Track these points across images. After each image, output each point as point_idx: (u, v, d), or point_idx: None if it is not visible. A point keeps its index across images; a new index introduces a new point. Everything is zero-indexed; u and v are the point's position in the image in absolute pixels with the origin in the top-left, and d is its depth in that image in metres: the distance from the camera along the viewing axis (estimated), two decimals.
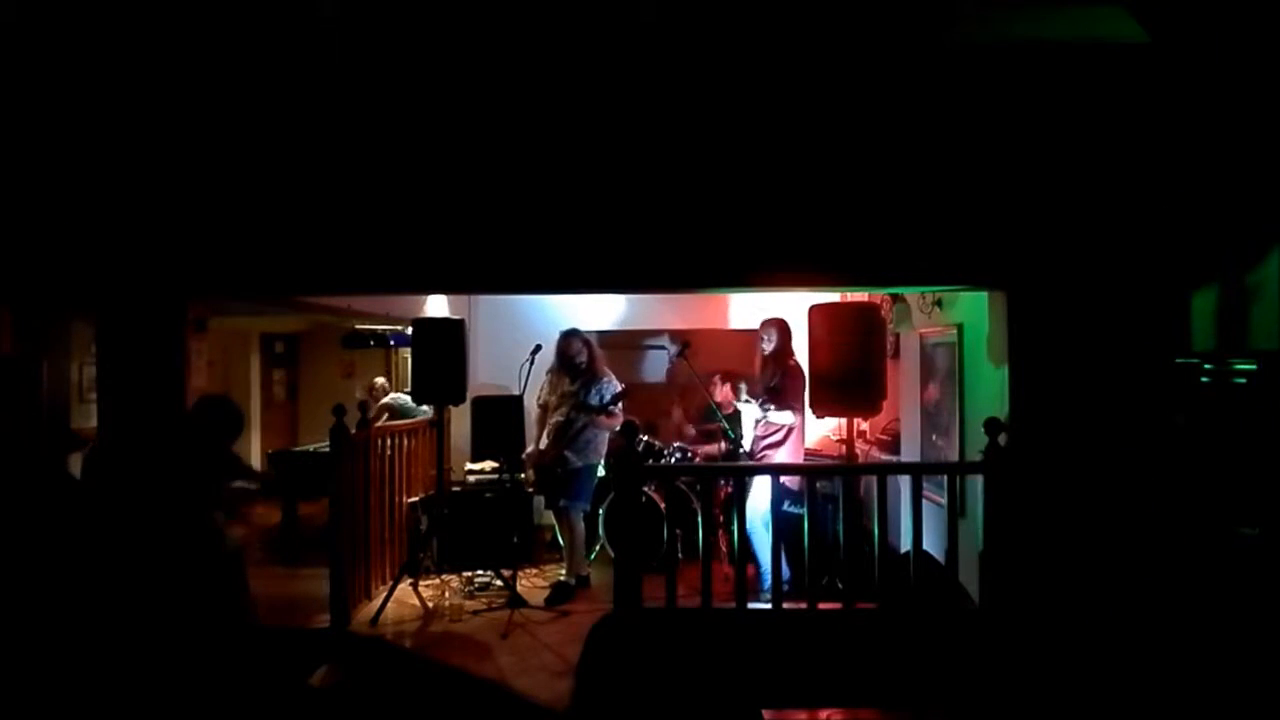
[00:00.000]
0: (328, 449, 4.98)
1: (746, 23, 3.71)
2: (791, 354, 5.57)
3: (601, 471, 6.05)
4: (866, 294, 6.25)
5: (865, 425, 6.45)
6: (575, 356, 5.69)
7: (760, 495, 5.08)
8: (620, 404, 5.71)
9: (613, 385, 5.73)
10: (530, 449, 5.90)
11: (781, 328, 5.57)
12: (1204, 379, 3.49)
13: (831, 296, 5.86)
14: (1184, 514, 3.59)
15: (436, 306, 6.94)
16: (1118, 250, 3.99)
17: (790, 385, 5.42)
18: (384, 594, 5.18)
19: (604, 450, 5.89)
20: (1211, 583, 3.38)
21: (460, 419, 6.59)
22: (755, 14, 3.66)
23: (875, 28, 3.72)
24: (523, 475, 6.10)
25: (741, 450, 5.62)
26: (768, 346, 5.56)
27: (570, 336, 5.76)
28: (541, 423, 5.83)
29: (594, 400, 5.64)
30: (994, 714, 3.90)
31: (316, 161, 4.09)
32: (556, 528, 5.83)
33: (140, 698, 3.67)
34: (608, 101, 4.03)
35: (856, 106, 4.03)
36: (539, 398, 5.89)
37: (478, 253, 4.18)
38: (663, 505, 5.73)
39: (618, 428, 5.89)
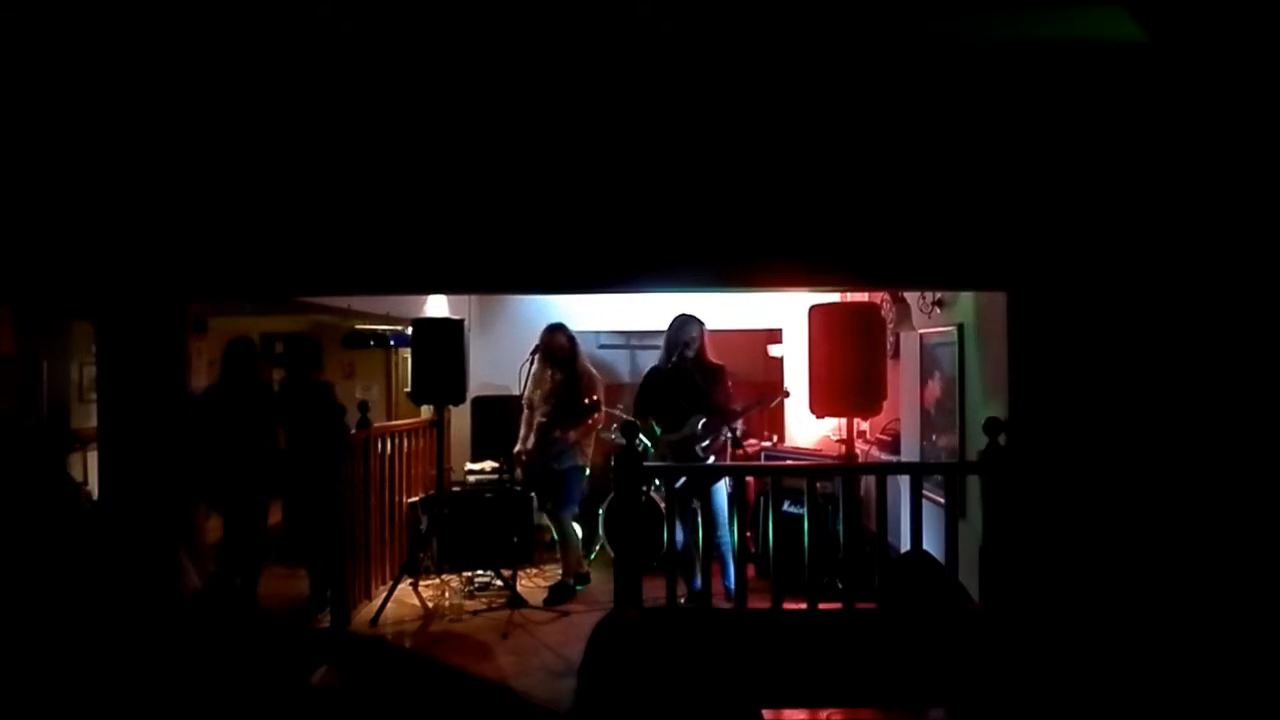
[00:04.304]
0: None
1: (748, 21, 3.70)
2: (706, 351, 5.26)
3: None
4: (866, 294, 6.24)
5: (865, 425, 6.45)
6: (558, 351, 5.68)
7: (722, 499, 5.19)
8: (596, 413, 5.68)
9: (592, 383, 5.71)
10: (517, 448, 5.87)
11: (700, 325, 5.21)
12: None
13: (831, 296, 5.86)
14: (1184, 513, 3.59)
15: (436, 306, 6.93)
16: (1118, 250, 3.99)
17: (728, 394, 5.26)
18: (384, 594, 5.18)
19: (590, 451, 5.85)
20: (1212, 582, 3.39)
21: (460, 419, 6.59)
22: (755, 13, 3.65)
23: (869, 26, 3.71)
24: (517, 473, 6.10)
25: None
26: (691, 351, 5.09)
27: (555, 330, 5.74)
28: (529, 422, 5.80)
29: (575, 399, 5.62)
30: (994, 714, 3.89)
31: (316, 162, 4.08)
32: (551, 529, 5.83)
33: (141, 697, 3.67)
34: (608, 101, 4.02)
35: (856, 106, 4.02)
36: (525, 395, 5.84)
37: (478, 253, 4.17)
38: (662, 505, 5.72)
39: (595, 430, 5.88)
